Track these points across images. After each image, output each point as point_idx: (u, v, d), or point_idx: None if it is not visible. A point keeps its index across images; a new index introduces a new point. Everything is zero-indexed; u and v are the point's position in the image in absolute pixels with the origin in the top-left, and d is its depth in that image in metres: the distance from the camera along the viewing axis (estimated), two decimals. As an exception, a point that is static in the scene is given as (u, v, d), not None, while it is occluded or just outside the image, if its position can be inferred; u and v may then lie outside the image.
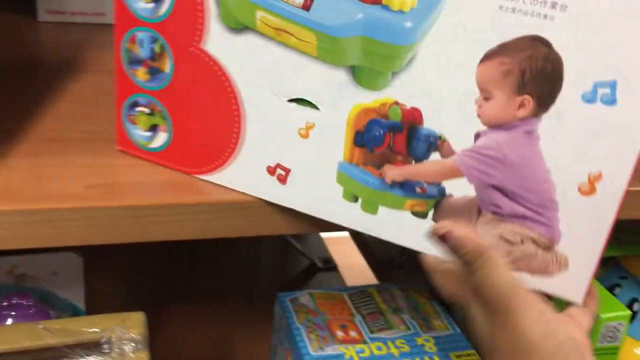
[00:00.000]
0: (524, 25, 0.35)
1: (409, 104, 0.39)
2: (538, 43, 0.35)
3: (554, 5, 0.34)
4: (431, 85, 0.38)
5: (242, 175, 0.45)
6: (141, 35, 0.44)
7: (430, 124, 0.39)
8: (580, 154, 0.36)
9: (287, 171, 0.44)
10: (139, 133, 0.47)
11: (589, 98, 0.35)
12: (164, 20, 0.43)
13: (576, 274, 0.39)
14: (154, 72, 0.45)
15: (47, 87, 0.56)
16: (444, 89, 0.38)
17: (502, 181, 0.38)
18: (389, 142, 0.40)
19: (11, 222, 0.41)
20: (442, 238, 0.39)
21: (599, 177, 0.37)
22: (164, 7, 0.43)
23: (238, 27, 0.41)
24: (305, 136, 0.42)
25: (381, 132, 0.40)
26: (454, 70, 0.37)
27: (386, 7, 0.37)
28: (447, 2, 0.36)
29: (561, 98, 0.36)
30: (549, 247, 0.39)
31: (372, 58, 0.39)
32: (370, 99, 0.40)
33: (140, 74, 0.45)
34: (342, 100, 0.40)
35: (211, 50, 0.42)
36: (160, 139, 0.47)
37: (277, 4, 0.39)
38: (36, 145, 0.47)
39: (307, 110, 0.42)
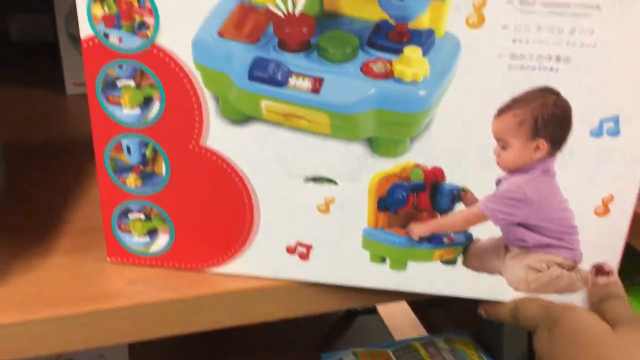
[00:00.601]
0: (533, 79, 0.38)
1: (429, 164, 0.40)
2: (547, 92, 0.38)
3: (558, 59, 0.37)
4: (450, 144, 0.40)
5: (260, 261, 0.44)
6: (128, 142, 0.41)
7: (452, 179, 0.41)
8: (592, 182, 0.40)
9: (309, 247, 0.43)
10: (135, 240, 0.44)
11: (597, 133, 0.39)
12: (154, 124, 0.40)
13: (598, 285, 0.43)
14: (147, 176, 0.42)
15: (80, 167, 0.55)
16: (462, 145, 0.40)
17: (525, 218, 0.41)
18: (413, 202, 0.41)
19: (56, 327, 0.40)
20: None
21: (611, 198, 0.41)
22: (154, 111, 0.40)
23: (240, 118, 0.40)
24: (326, 211, 0.42)
25: (404, 194, 0.41)
26: (471, 126, 0.39)
27: (399, 80, 0.38)
28: (459, 68, 0.38)
29: (572, 137, 0.39)
30: (573, 267, 0.43)
31: (388, 128, 0.39)
32: (390, 165, 0.40)
33: (131, 181, 0.42)
34: (361, 172, 0.41)
35: (213, 146, 0.41)
36: (161, 241, 0.44)
37: (284, 91, 0.39)
38: (74, 238, 0.46)
39: (325, 186, 0.42)
